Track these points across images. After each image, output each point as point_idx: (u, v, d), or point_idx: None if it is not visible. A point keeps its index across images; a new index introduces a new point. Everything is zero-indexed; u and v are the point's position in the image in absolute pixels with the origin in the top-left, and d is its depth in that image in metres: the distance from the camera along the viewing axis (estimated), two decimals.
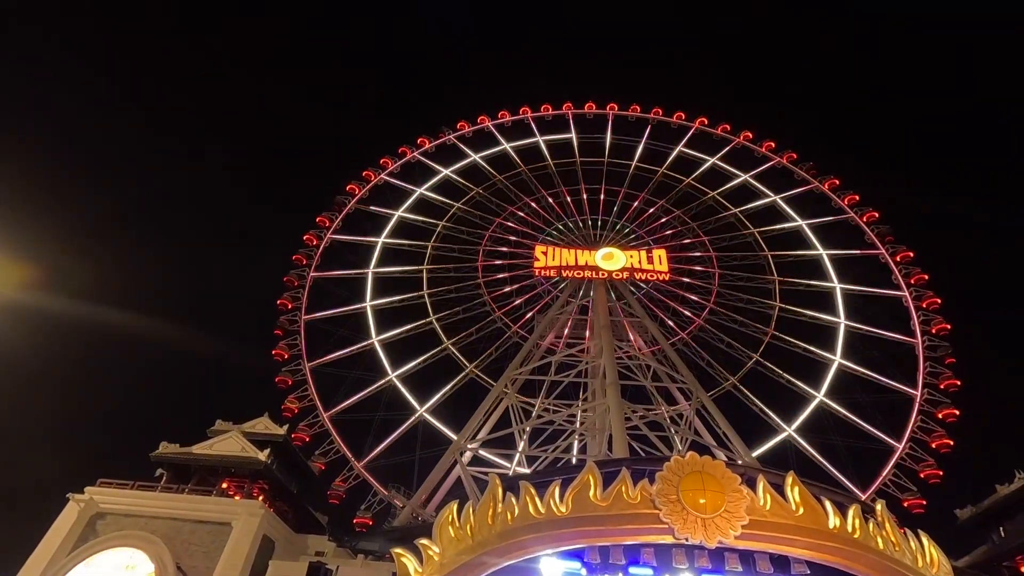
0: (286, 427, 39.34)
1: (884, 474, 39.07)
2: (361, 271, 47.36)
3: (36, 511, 33.86)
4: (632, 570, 20.72)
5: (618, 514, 20.98)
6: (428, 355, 44.83)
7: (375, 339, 44.27)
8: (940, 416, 39.79)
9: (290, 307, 44.33)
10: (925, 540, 22.51)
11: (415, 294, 47.13)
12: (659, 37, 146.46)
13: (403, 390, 42.79)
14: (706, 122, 56.73)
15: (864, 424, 41.17)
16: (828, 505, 21.92)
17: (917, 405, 40.73)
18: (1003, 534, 39.36)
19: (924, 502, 36.59)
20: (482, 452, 42.39)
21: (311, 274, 46.31)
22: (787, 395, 44.13)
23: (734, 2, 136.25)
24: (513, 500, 21.19)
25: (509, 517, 20.88)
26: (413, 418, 41.69)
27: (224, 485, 35.49)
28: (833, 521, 21.60)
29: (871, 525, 21.97)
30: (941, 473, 37.87)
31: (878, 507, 22.80)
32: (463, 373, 44.56)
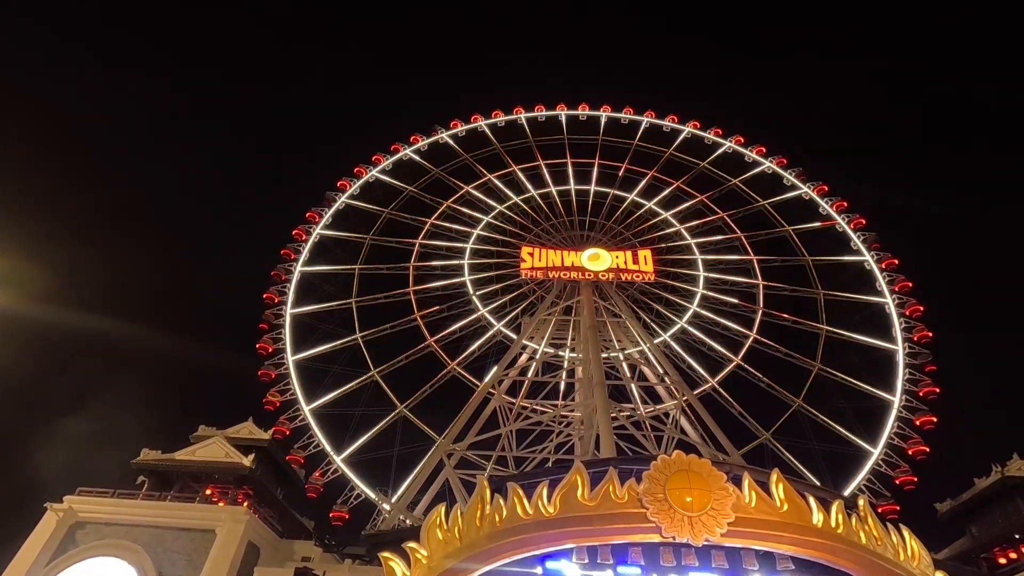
0: (271, 432, 38.94)
1: (859, 479, 39.55)
2: (348, 267, 47.29)
3: (12, 521, 33.12)
4: (620, 569, 20.80)
5: (606, 514, 21.07)
6: (411, 352, 44.80)
7: (359, 335, 44.17)
8: (918, 423, 40.15)
9: (276, 301, 44.18)
10: (906, 534, 22.92)
11: (401, 291, 47.11)
12: (653, 41, 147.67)
13: (384, 387, 42.71)
14: (698, 126, 57.16)
15: (841, 429, 41.64)
16: (812, 501, 22.22)
17: (895, 411, 41.19)
18: (981, 526, 40.23)
19: (898, 508, 37.19)
20: (468, 454, 42.32)
21: (298, 268, 46.14)
22: (766, 398, 44.64)
23: (727, 7, 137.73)
24: (501, 502, 21.18)
25: (497, 519, 20.87)
26: (393, 414, 41.66)
27: (208, 491, 34.99)
28: (817, 517, 21.90)
29: (854, 520, 22.32)
30: (916, 479, 38.45)
31: (860, 502, 23.18)
32: (445, 370, 44.52)
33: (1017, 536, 37.69)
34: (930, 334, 43.40)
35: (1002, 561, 37.66)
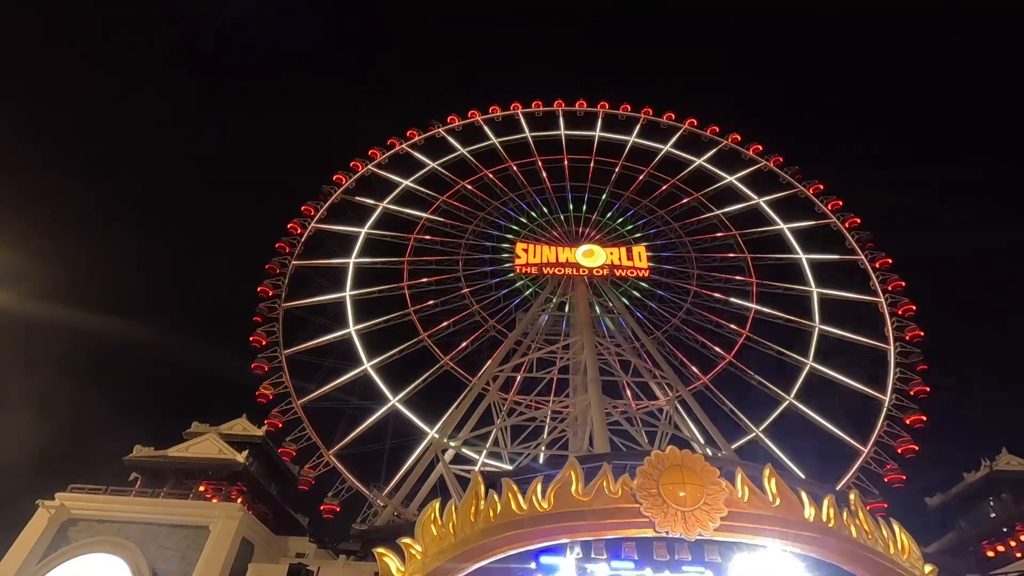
0: (264, 428, 38.84)
1: (848, 476, 39.79)
2: (343, 260, 47.14)
3: (4, 519, 32.91)
4: (614, 563, 20.95)
5: (600, 509, 21.20)
6: (404, 346, 44.74)
7: (352, 328, 44.11)
8: (908, 422, 40.24)
9: (270, 294, 44.08)
10: (896, 528, 23.21)
11: (394, 285, 47.06)
12: (651, 40, 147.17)
13: (377, 380, 42.70)
14: (695, 123, 57.07)
15: (832, 427, 41.81)
16: (804, 496, 22.45)
17: (885, 410, 41.32)
18: (970, 520, 40.74)
19: (886, 506, 37.44)
20: (462, 449, 42.37)
21: (293, 262, 46.04)
22: (758, 395, 44.70)
23: (724, 7, 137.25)
24: (495, 497, 21.26)
25: (492, 514, 20.95)
26: (385, 408, 41.56)
27: (201, 488, 34.91)
28: (808, 511, 22.12)
29: (845, 514, 22.56)
30: (904, 478, 38.67)
31: (851, 496, 23.42)
32: (438, 365, 44.54)
33: (1005, 530, 38.20)
34: (922, 333, 43.60)
35: (990, 554, 38.14)
